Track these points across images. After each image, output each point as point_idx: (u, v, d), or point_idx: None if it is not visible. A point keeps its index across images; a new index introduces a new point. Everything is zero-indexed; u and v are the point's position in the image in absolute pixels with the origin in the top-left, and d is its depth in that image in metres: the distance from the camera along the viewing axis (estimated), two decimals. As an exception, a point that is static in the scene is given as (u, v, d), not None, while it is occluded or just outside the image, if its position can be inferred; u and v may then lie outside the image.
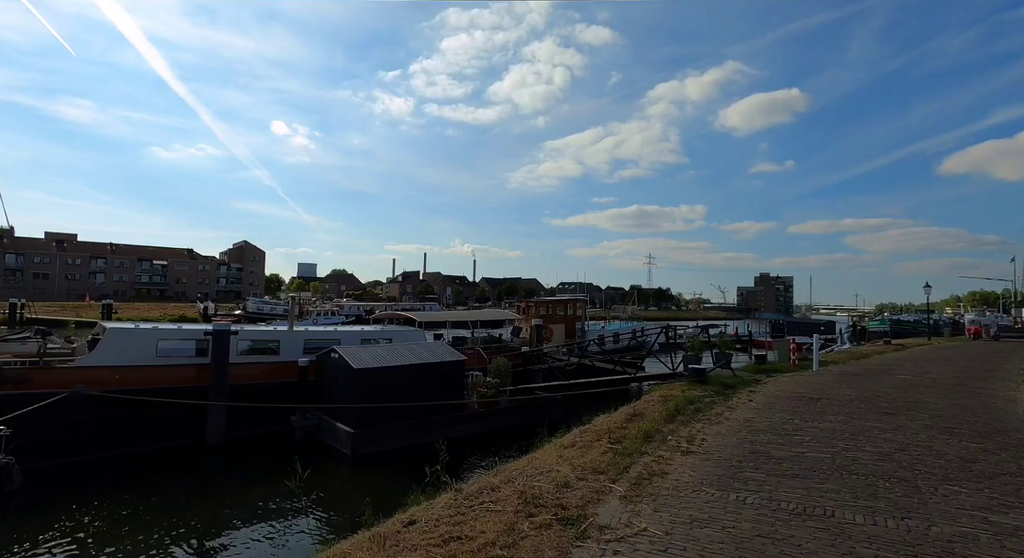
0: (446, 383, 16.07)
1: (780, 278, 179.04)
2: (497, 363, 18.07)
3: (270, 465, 13.38)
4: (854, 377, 12.53)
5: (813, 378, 12.28)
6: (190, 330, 15.21)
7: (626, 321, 35.68)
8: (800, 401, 8.83)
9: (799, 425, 6.87)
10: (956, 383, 11.65)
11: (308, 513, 9.66)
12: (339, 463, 13.62)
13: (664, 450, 5.60)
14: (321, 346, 16.51)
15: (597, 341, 26.59)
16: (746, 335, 51.24)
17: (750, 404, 8.55)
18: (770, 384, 11.20)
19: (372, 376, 14.38)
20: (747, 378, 11.87)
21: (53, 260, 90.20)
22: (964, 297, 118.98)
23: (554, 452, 5.83)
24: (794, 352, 14.45)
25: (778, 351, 16.54)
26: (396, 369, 14.89)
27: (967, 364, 16.99)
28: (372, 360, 14.91)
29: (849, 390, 10.21)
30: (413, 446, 14.50)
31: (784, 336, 15.99)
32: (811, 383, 11.34)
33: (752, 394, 9.70)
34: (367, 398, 14.30)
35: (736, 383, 10.83)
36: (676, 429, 6.76)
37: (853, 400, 8.91)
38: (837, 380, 11.94)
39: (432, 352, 16.45)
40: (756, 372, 13.62)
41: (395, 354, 15.64)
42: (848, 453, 5.40)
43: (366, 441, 13.85)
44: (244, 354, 16.08)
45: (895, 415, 7.63)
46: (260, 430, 14.99)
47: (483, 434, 16.12)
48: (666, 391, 9.80)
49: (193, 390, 14.48)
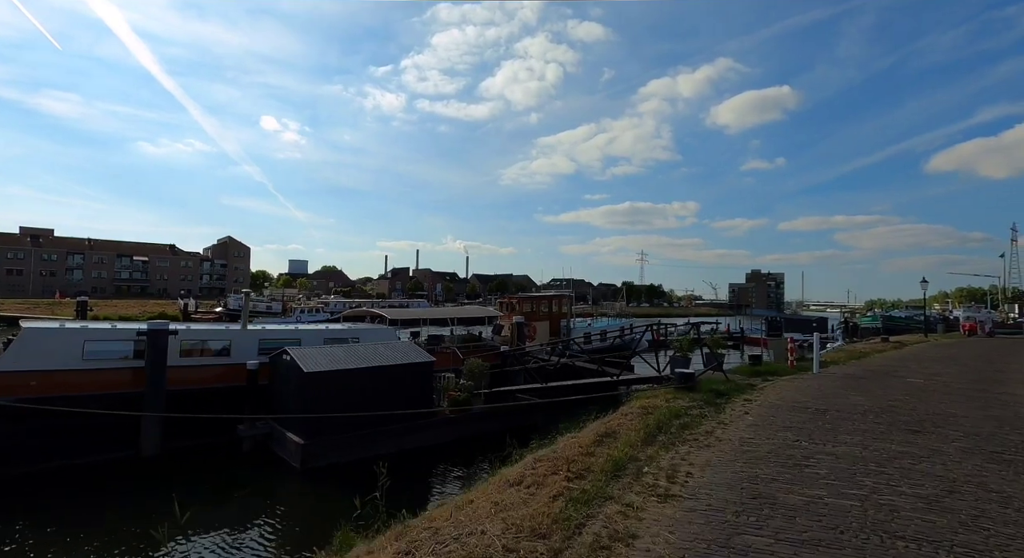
0: (412, 387, 14.63)
1: (771, 275, 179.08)
2: (471, 364, 16.66)
3: (210, 480, 11.94)
4: (860, 381, 11.24)
5: (815, 382, 10.97)
6: (123, 330, 13.64)
7: (614, 318, 34.35)
8: (805, 413, 7.49)
9: (809, 450, 5.51)
10: (973, 388, 10.39)
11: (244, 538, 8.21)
12: (289, 477, 12.18)
13: (636, 492, 4.20)
14: (278, 347, 14.99)
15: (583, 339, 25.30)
16: (738, 332, 50.31)
17: (746, 418, 7.19)
18: (768, 390, 9.87)
19: (325, 380, 12.90)
20: (741, 383, 10.53)
21: (28, 256, 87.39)
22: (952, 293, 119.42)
23: (493, 494, 4.42)
24: (792, 352, 13.15)
25: (774, 350, 15.25)
26: (354, 372, 13.42)
27: (974, 364, 15.81)
28: (327, 362, 13.42)
29: (858, 397, 8.89)
30: (375, 457, 13.10)
31: (781, 334, 14.69)
32: (813, 388, 10.02)
33: (748, 403, 8.35)
34: (320, 404, 12.82)
35: (729, 390, 9.48)
36: (655, 455, 5.38)
37: (867, 412, 7.57)
38: (842, 385, 10.63)
39: (397, 353, 14.99)
40: (751, 375, 12.30)
41: (355, 355, 14.17)
42: (881, 498, 4.03)
43: (318, 453, 12.39)
44: (188, 356, 14.54)
45: (922, 433, 6.30)
46: (203, 440, 13.47)
47: (454, 442, 14.73)
48: (648, 400, 8.42)
49: (126, 397, 12.93)
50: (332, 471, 12.16)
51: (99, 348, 13.12)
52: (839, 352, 17.94)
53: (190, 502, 10.68)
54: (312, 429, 12.43)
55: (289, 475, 12.17)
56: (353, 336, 18.07)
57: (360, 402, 13.16)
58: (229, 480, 11.95)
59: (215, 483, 11.86)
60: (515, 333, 22.63)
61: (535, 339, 25.96)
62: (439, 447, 14.23)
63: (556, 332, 26.65)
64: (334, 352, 14.06)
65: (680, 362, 11.44)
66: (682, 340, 11.87)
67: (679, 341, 11.87)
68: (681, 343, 11.76)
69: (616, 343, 22.75)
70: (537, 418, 15.75)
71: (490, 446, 13.90)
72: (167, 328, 13.73)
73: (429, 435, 14.33)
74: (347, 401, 13.01)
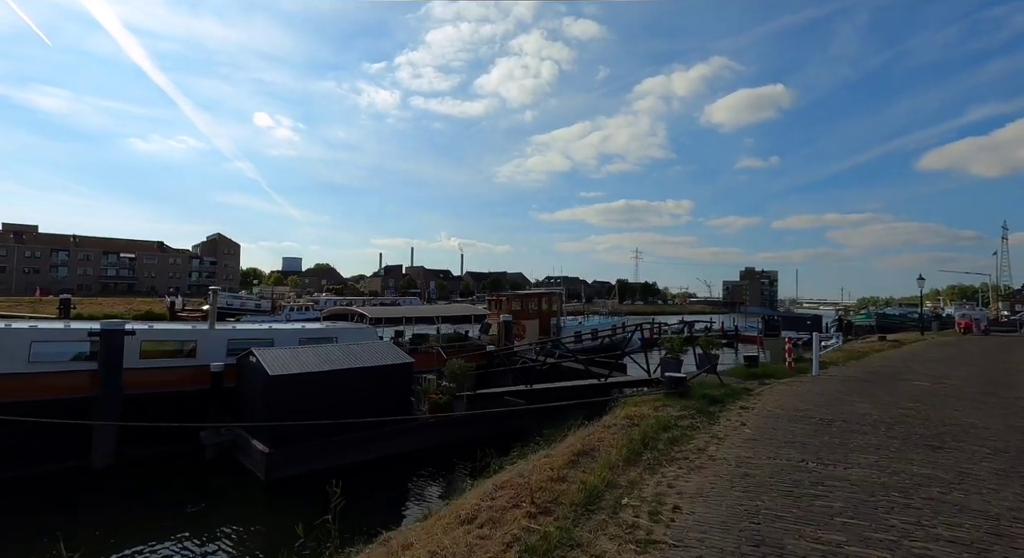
0: (389, 390, 13.76)
1: (765, 272, 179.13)
2: (452, 365, 15.83)
3: (164, 493, 11.08)
4: (863, 384, 10.48)
5: (815, 386, 10.20)
6: (74, 330, 12.69)
7: (606, 316, 33.58)
8: (809, 424, 6.70)
9: (818, 474, 4.70)
10: (985, 392, 9.65)
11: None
12: (252, 489, 11.31)
13: (611, 536, 3.38)
14: (249, 348, 14.10)
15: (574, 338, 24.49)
16: (732, 330, 49.72)
17: (743, 430, 6.39)
18: (765, 395, 9.08)
19: (293, 384, 12.02)
20: (736, 387, 9.74)
21: (11, 253, 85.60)
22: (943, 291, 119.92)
23: (438, 536, 3.58)
24: (789, 353, 12.40)
25: (770, 351, 14.50)
26: (324, 375, 12.54)
27: (978, 365, 15.13)
28: (295, 364, 12.54)
29: (865, 405, 8.11)
30: (349, 465, 12.26)
31: (779, 333, 13.93)
32: (815, 394, 9.24)
33: (745, 412, 7.55)
34: (287, 410, 11.95)
35: (723, 395, 8.69)
36: (638, 480, 4.57)
37: (877, 423, 6.79)
38: (845, 389, 9.87)
39: (374, 354, 14.12)
40: (747, 377, 11.53)
41: (327, 357, 13.29)
42: (915, 545, 3.21)
43: (284, 462, 11.51)
44: (149, 357, 13.62)
45: (943, 449, 5.52)
46: (163, 448, 12.57)
47: (435, 448, 13.91)
48: (635, 408, 7.61)
49: (77, 402, 12.02)
50: (301, 481, 11.30)
51: (48, 349, 12.17)
52: (837, 352, 17.23)
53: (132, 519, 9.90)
54: (278, 436, 11.57)
55: (253, 487, 11.31)
56: (331, 336, 17.19)
57: (331, 407, 12.31)
58: (184, 493, 11.08)
59: (168, 496, 10.98)
60: (502, 332, 21.81)
61: (524, 338, 25.15)
62: (419, 453, 13.40)
63: (546, 331, 25.84)
64: (304, 353, 13.18)
65: (671, 364, 10.65)
66: (673, 340, 11.06)
67: (670, 341, 11.06)
68: (672, 343, 10.96)
69: (606, 343, 21.96)
70: (525, 421, 14.97)
71: (473, 451, 13.11)
72: (122, 328, 12.79)
73: (407, 441, 13.50)
74: (317, 406, 12.16)
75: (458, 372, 15.71)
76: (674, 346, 10.88)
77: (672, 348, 10.86)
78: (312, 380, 12.27)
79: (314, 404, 12.17)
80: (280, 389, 11.84)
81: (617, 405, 8.98)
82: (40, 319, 50.63)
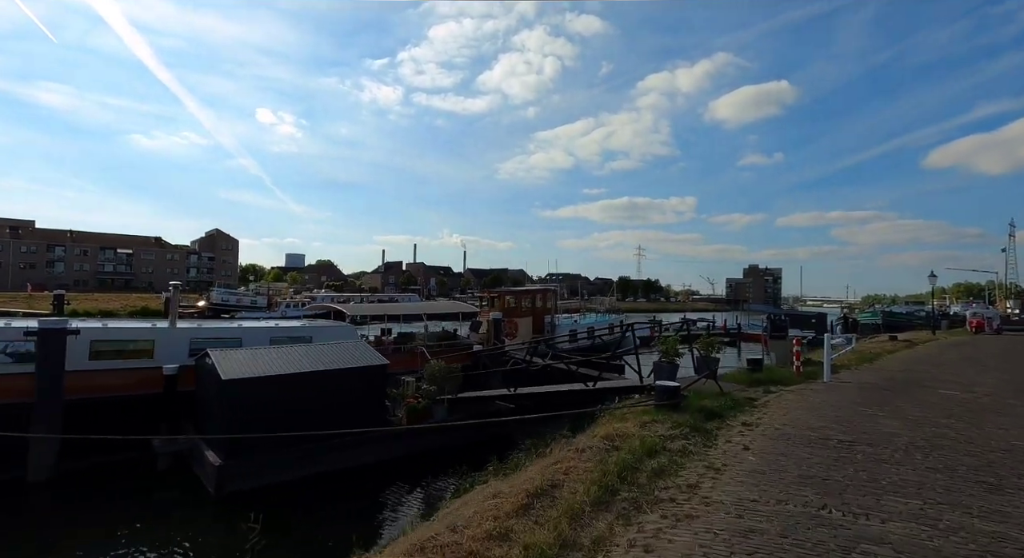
0: (359, 395, 12.60)
1: (769, 270, 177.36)
2: (431, 367, 14.68)
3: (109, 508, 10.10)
4: (883, 393, 9.27)
5: (829, 395, 8.99)
6: (9, 329, 11.60)
7: (603, 314, 32.36)
8: (826, 449, 5.51)
9: (847, 530, 3.52)
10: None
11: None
12: (202, 505, 10.22)
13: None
14: (214, 348, 13.00)
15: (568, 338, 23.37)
16: (735, 328, 48.41)
17: (746, 458, 5.20)
18: (772, 407, 7.90)
19: (249, 388, 10.87)
20: (739, 396, 8.55)
21: (7, 248, 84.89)
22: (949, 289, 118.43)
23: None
24: (798, 357, 11.19)
25: (776, 353, 13.28)
26: (285, 378, 11.39)
27: (1006, 368, 13.89)
28: (253, 367, 11.40)
29: (891, 421, 6.91)
30: (314, 476, 11.18)
31: (786, 335, 12.69)
32: (829, 406, 8.03)
33: (748, 431, 6.37)
34: (242, 416, 10.82)
35: (723, 408, 7.50)
36: (606, 537, 3.42)
37: (910, 447, 5.59)
38: (863, 399, 8.66)
39: (344, 355, 12.97)
40: (750, 383, 10.34)
41: (292, 358, 12.15)
42: None
43: (238, 475, 10.38)
44: (100, 358, 12.55)
45: (1004, 490, 4.31)
46: (111, 458, 11.49)
47: (411, 457, 12.80)
48: (618, 424, 6.44)
49: (12, 408, 10.95)
50: (258, 496, 10.21)
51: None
52: (849, 354, 15.99)
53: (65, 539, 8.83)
54: (233, 446, 10.47)
55: (204, 501, 10.22)
56: (306, 335, 16.08)
57: (294, 414, 11.20)
58: (128, 508, 10.05)
59: (110, 511, 9.94)
60: (491, 331, 20.64)
61: (517, 337, 23.99)
62: (391, 464, 12.30)
63: (540, 329, 24.66)
64: (265, 354, 12.05)
65: (665, 370, 9.44)
66: (668, 341, 9.84)
67: (664, 343, 9.84)
68: (667, 345, 9.75)
69: (598, 343, 20.76)
70: (512, 427, 13.88)
71: (452, 460, 12.03)
72: (64, 327, 11.69)
73: (379, 450, 12.38)
74: (277, 413, 11.04)
75: (438, 374, 14.57)
76: (669, 348, 9.67)
77: (667, 351, 9.65)
78: (271, 384, 11.14)
79: (274, 411, 11.05)
80: (234, 394, 10.72)
81: (598, 420, 7.82)
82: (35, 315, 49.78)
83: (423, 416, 13.85)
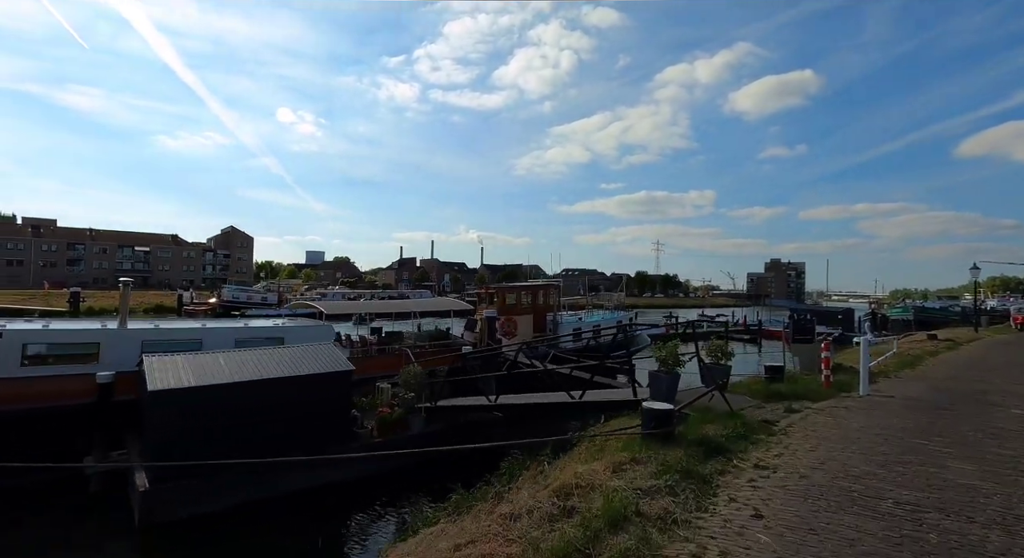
0: (318, 406, 11.08)
1: (792, 264, 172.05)
2: (407, 371, 13.16)
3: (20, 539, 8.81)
4: (939, 415, 7.37)
5: (869, 418, 7.13)
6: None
7: (611, 311, 30.41)
8: (877, 518, 3.73)
9: None
10: None
11: None
12: (127, 537, 8.87)
13: None
14: (172, 351, 11.70)
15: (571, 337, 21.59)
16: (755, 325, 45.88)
17: (757, 538, 3.47)
18: (795, 436, 6.11)
19: (182, 400, 9.46)
20: (752, 420, 6.76)
21: (28, 246, 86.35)
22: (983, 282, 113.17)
23: None
24: (826, 365, 9.28)
25: (800, 358, 11.36)
26: (227, 389, 9.95)
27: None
28: (190, 374, 9.94)
29: (962, 464, 5.05)
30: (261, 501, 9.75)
31: (812, 338, 10.70)
32: (871, 435, 6.19)
33: (761, 479, 4.62)
34: (174, 433, 9.41)
35: (730, 438, 5.73)
36: None
37: (1007, 516, 3.78)
38: (914, 423, 6.78)
39: (304, 360, 11.45)
40: (767, 398, 8.50)
41: (239, 365, 10.72)
42: None
43: (167, 502, 8.98)
44: (36, 364, 11.32)
45: None
46: (36, 477, 10.21)
47: (384, 475, 11.33)
48: (580, 468, 4.77)
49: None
50: (193, 526, 8.83)
51: None
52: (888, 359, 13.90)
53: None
54: (163, 467, 9.07)
55: (132, 532, 8.83)
56: (278, 335, 14.69)
57: (237, 429, 9.75)
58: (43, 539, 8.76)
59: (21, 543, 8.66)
60: (485, 330, 19.01)
61: (516, 336, 22.32)
62: (358, 483, 10.83)
63: (541, 328, 22.95)
64: (210, 360, 10.61)
65: (661, 383, 7.68)
66: (667, 347, 8.04)
67: (662, 348, 8.04)
68: (666, 351, 7.96)
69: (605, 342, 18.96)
70: (494, 438, 12.30)
71: (430, 478, 10.59)
72: (-12, 328, 10.44)
73: (340, 469, 10.90)
74: (216, 429, 9.59)
75: (413, 380, 13.02)
76: (668, 355, 7.89)
77: (664, 358, 7.88)
78: (210, 395, 9.69)
79: (214, 426, 9.61)
80: (164, 407, 9.30)
81: (573, 451, 6.14)
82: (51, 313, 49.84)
83: (397, 427, 12.35)
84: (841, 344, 30.56)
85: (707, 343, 9.63)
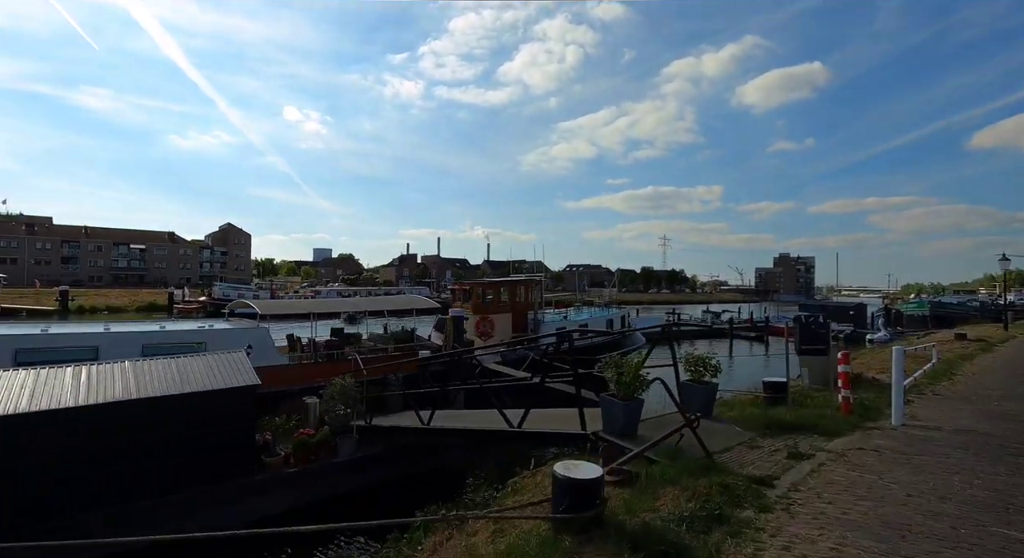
0: (205, 430, 9.01)
1: (801, 258, 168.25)
2: (335, 384, 11.07)
3: None
4: (1008, 460, 5.15)
5: (916, 471, 4.89)
6: None
7: (601, 308, 28.08)
8: None
9: None
10: None
11: None
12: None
13: None
14: (50, 361, 9.71)
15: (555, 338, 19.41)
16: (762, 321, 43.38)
17: None
18: (802, 516, 3.90)
19: (22, 429, 7.45)
20: (737, 478, 4.54)
21: (22, 244, 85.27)
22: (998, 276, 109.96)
23: None
24: (845, 383, 6.99)
25: (809, 369, 9.09)
26: (85, 412, 7.88)
27: None
28: (40, 396, 7.89)
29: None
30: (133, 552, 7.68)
31: (827, 349, 8.35)
32: (925, 506, 4.00)
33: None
34: (21, 469, 7.43)
35: (691, 530, 3.54)
36: None
37: None
38: (983, 480, 4.53)
39: (194, 373, 9.32)
40: (765, 428, 6.26)
41: (109, 381, 8.66)
42: None
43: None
44: None
45: None
46: None
47: (299, 509, 9.27)
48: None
49: None
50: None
51: None
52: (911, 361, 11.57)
53: None
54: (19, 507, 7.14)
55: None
56: (197, 340, 12.67)
57: (100, 464, 7.72)
58: None
59: None
60: (451, 331, 16.87)
61: (494, 337, 20.17)
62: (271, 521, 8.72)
63: (521, 328, 20.76)
64: (68, 377, 8.53)
65: (616, 411, 5.49)
66: (627, 364, 5.84)
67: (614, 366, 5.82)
68: (627, 371, 5.75)
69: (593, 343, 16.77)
70: (456, 457, 10.29)
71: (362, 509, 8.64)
72: None
73: (247, 506, 8.84)
74: (70, 463, 7.56)
75: (344, 394, 10.93)
76: (627, 378, 5.68)
77: (622, 380, 5.69)
78: (60, 422, 7.62)
79: (67, 460, 7.56)
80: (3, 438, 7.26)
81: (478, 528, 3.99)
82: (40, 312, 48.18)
83: (321, 452, 10.25)
84: (853, 342, 28.09)
85: (692, 346, 7.41)
